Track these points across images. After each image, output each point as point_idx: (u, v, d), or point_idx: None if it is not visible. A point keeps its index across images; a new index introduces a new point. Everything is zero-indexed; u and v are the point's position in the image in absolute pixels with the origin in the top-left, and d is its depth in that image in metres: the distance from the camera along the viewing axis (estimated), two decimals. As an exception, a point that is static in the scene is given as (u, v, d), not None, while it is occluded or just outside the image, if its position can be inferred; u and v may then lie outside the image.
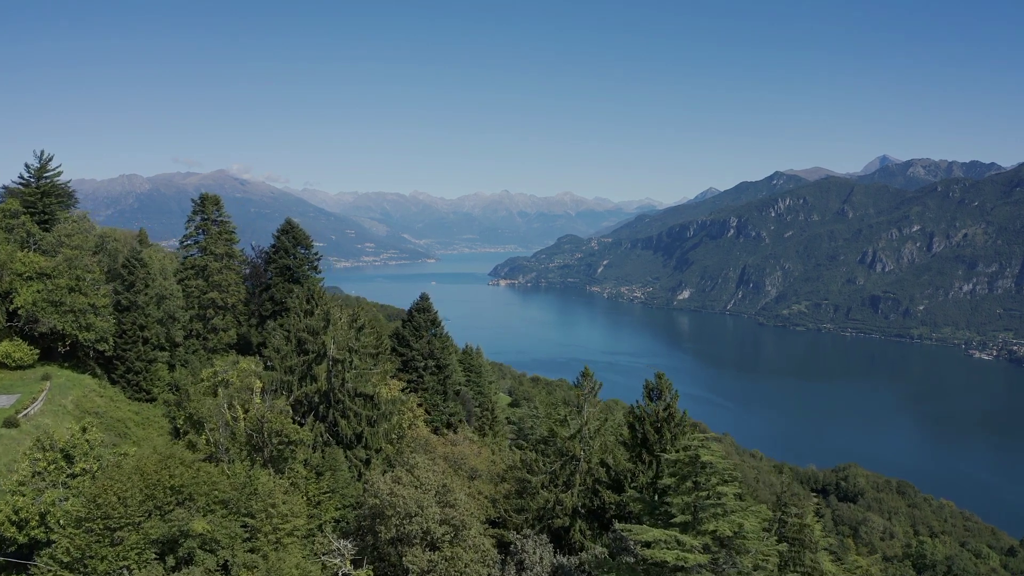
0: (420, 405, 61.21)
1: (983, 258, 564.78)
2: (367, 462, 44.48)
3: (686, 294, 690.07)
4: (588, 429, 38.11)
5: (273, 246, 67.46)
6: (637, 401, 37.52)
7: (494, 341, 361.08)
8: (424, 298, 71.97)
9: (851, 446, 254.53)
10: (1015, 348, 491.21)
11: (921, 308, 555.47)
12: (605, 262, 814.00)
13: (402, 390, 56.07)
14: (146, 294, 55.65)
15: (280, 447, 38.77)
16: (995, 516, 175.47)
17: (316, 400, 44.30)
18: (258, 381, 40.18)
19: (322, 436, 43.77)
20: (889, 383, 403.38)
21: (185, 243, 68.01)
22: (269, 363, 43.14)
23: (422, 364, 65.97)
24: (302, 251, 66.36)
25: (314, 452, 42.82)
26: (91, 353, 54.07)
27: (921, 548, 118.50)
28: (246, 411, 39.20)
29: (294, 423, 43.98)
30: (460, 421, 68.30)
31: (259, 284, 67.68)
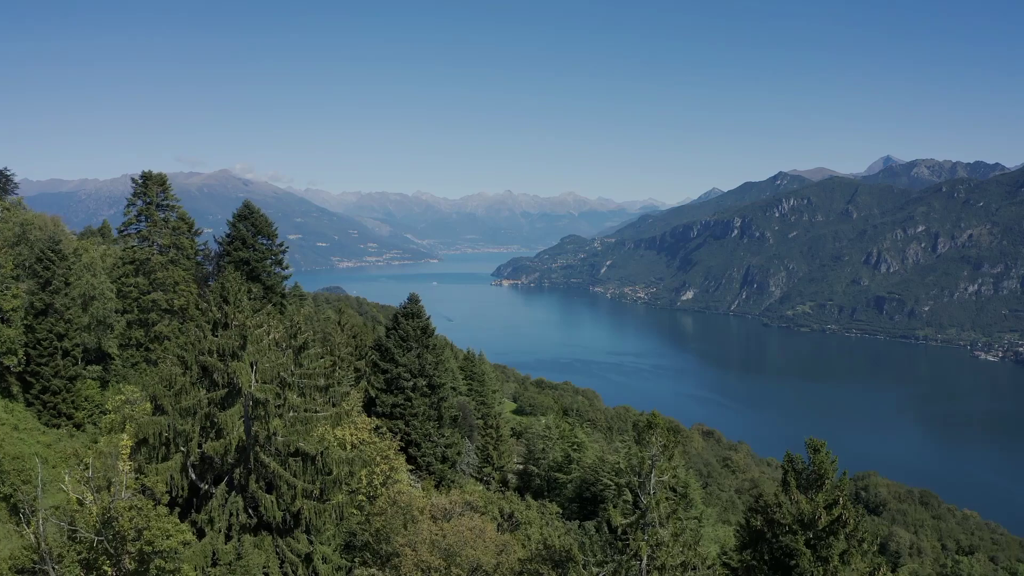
0: (404, 447, 46.37)
1: (988, 259, 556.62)
2: (307, 558, 29.42)
3: (690, 295, 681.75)
4: (658, 513, 23.93)
5: (228, 235, 55.24)
6: (775, 491, 22.01)
7: (496, 342, 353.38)
8: (413, 300, 56.97)
9: (857, 447, 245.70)
10: (1021, 349, 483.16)
11: (926, 309, 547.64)
12: (608, 262, 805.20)
13: (376, 428, 41.09)
14: (67, 294, 44.86)
15: (144, 557, 22.47)
16: (1008, 521, 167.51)
17: (229, 461, 28.59)
18: (126, 436, 24.10)
19: (238, 516, 28.16)
20: (894, 384, 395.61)
21: (123, 233, 55.56)
22: (157, 403, 27.43)
23: (410, 384, 52.63)
24: (263, 242, 54.21)
25: (227, 542, 27.72)
26: (10, 368, 45.03)
27: (957, 568, 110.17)
28: (98, 490, 23.16)
29: (196, 496, 29.16)
30: (458, 454, 55.65)
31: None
